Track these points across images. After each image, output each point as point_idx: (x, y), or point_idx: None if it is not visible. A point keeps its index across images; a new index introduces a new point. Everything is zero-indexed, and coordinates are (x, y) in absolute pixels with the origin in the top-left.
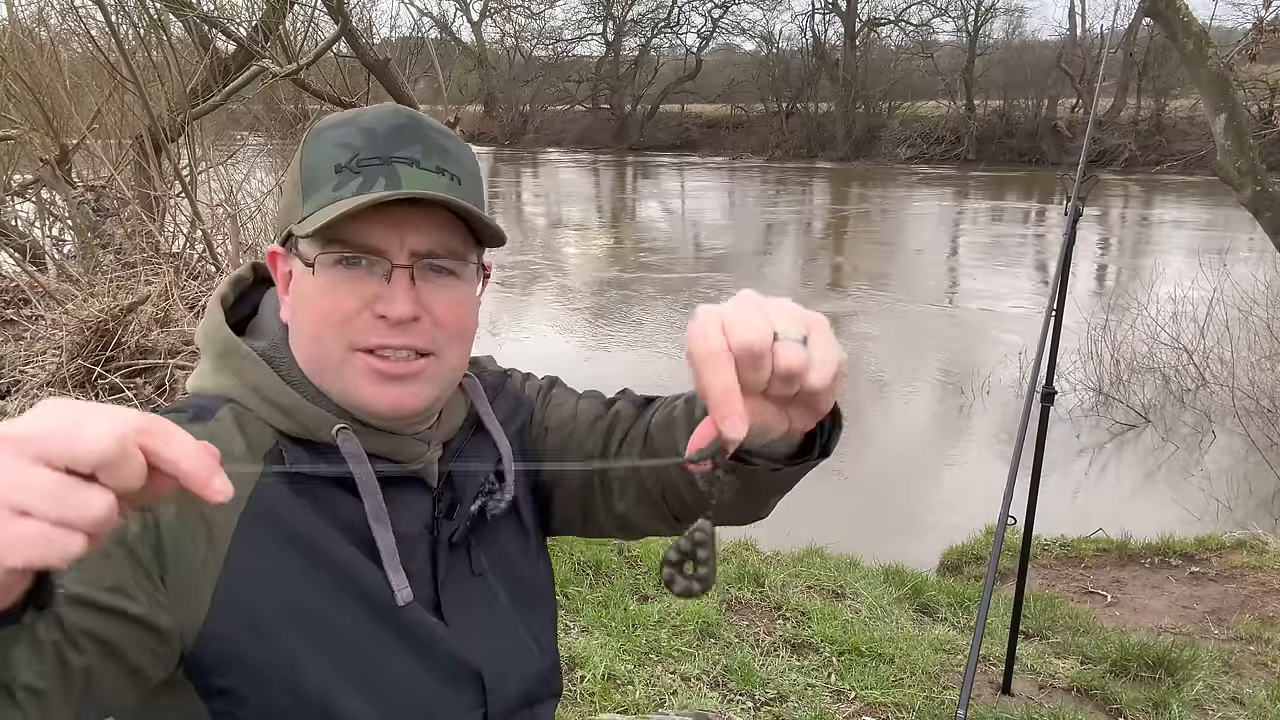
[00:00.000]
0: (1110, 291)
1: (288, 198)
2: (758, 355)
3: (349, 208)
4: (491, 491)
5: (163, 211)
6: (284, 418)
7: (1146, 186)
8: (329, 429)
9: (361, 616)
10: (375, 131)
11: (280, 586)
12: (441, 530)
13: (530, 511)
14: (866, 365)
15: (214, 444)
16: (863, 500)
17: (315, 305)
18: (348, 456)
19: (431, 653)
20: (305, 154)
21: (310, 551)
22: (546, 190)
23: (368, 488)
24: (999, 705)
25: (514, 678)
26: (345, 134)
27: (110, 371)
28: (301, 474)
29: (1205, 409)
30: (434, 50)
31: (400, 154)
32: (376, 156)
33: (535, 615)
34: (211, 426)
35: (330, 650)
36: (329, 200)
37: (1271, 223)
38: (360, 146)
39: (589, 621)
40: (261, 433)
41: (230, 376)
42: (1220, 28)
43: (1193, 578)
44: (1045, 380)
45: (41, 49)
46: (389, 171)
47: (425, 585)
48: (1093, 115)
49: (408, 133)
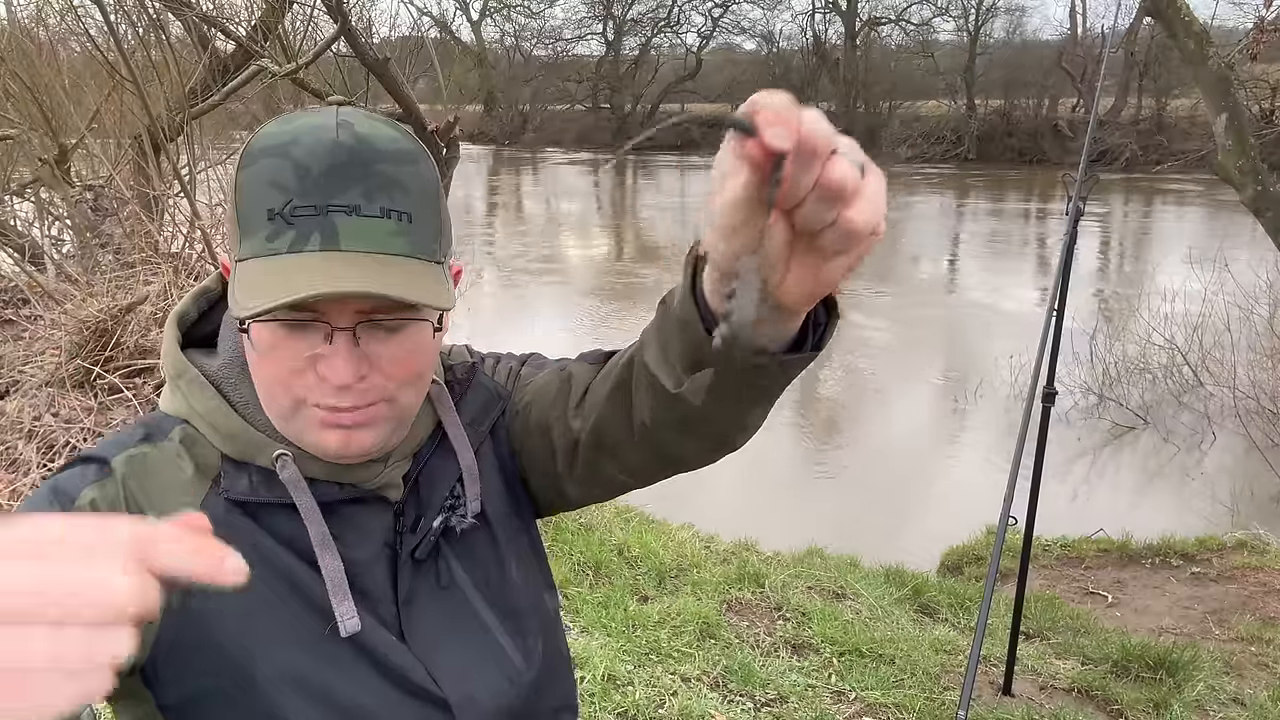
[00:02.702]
0: (1111, 292)
1: (230, 217)
2: (815, 150)
3: (274, 304)
4: (454, 507)
5: (162, 211)
6: (227, 442)
7: (1147, 186)
8: (269, 455)
9: (314, 638)
10: (310, 170)
11: (225, 604)
12: (404, 546)
13: (509, 513)
14: (867, 365)
15: (152, 467)
16: (863, 501)
17: (258, 362)
18: (287, 484)
19: (389, 679)
20: (240, 179)
21: (260, 561)
22: (546, 190)
23: (310, 515)
24: (1000, 706)
25: (487, 695)
26: (278, 168)
27: (109, 371)
28: (248, 499)
29: (1205, 410)
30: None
31: (338, 201)
32: (311, 205)
33: (522, 624)
34: (156, 446)
35: (283, 664)
36: (263, 251)
37: (1272, 222)
38: (294, 190)
39: (589, 622)
40: (211, 455)
41: (181, 400)
42: (1221, 27)
43: (1193, 578)
44: (1046, 380)
45: (40, 48)
46: (325, 225)
47: (386, 605)
48: (1094, 115)
49: (346, 172)
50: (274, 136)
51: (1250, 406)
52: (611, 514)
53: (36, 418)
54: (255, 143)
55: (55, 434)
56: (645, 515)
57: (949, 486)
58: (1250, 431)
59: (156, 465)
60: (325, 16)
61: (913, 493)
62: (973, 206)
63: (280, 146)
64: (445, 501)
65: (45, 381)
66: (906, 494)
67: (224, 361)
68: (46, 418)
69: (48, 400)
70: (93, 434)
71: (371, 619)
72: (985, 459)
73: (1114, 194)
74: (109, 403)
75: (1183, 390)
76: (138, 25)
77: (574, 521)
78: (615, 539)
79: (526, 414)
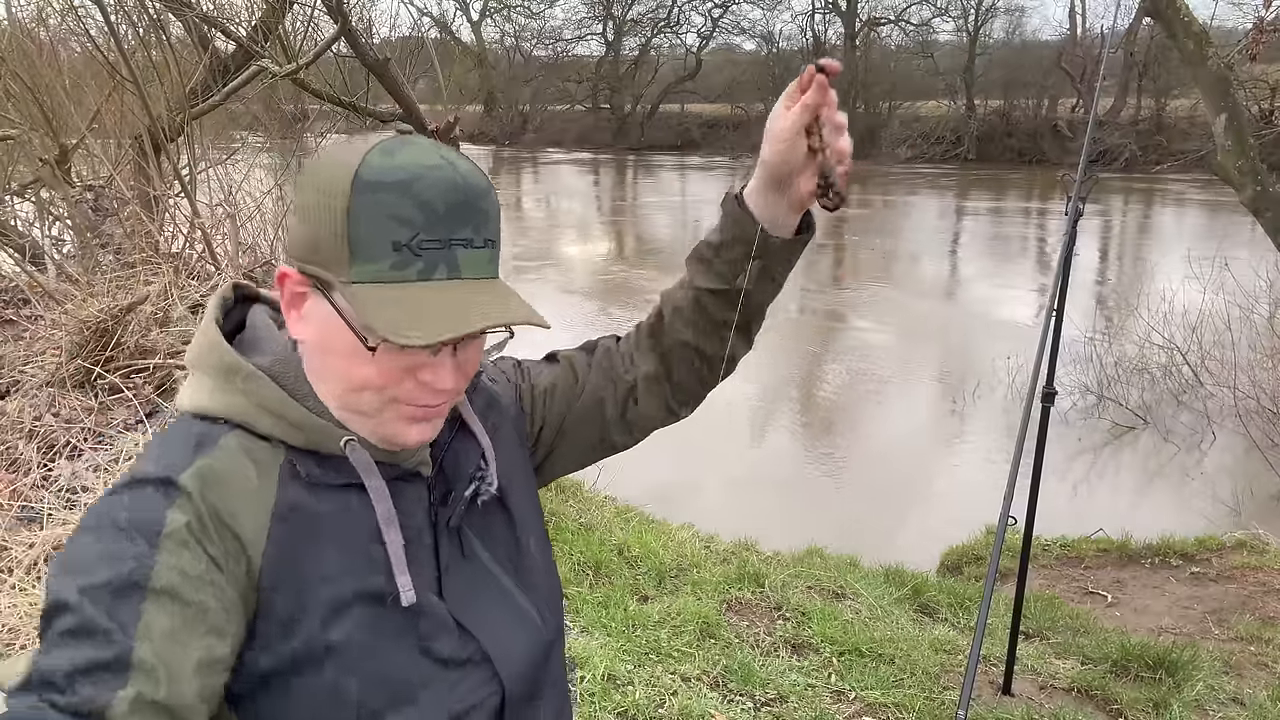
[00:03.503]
0: (1110, 292)
1: (318, 234)
2: (834, 100)
3: (433, 341)
4: (483, 477)
5: (162, 211)
6: (295, 431)
7: (1146, 186)
8: (337, 441)
9: (374, 609)
10: (435, 209)
11: (312, 574)
12: (439, 516)
13: (523, 502)
14: (867, 365)
15: (222, 476)
16: (863, 501)
17: (358, 369)
18: (358, 466)
19: (441, 640)
20: (352, 206)
21: (334, 540)
22: (546, 190)
23: (379, 494)
24: (999, 706)
25: (518, 650)
26: (401, 205)
27: (110, 371)
28: (316, 481)
29: (1205, 410)
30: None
31: (458, 236)
32: (436, 240)
33: (538, 595)
34: (215, 456)
35: (355, 639)
36: (389, 279)
37: (1272, 222)
38: (420, 225)
39: (589, 622)
40: (268, 452)
41: (235, 394)
42: (1220, 28)
43: (1193, 578)
44: (1046, 380)
45: (41, 49)
46: (449, 257)
47: (429, 571)
48: (1093, 115)
49: (465, 211)
50: (388, 172)
51: (1250, 406)
52: (612, 514)
53: (37, 418)
54: (365, 174)
55: (56, 434)
56: (645, 515)
57: (949, 486)
58: (1250, 431)
59: (224, 473)
60: (325, 17)
61: (912, 493)
62: (972, 207)
63: (400, 184)
64: (473, 472)
65: (46, 381)
66: (906, 494)
67: (274, 359)
68: (47, 418)
69: (48, 400)
70: (93, 434)
71: (419, 584)
72: (985, 459)
73: (1113, 194)
74: (109, 403)
75: (1182, 390)
76: (138, 25)
77: (574, 521)
78: (615, 539)
79: (552, 391)
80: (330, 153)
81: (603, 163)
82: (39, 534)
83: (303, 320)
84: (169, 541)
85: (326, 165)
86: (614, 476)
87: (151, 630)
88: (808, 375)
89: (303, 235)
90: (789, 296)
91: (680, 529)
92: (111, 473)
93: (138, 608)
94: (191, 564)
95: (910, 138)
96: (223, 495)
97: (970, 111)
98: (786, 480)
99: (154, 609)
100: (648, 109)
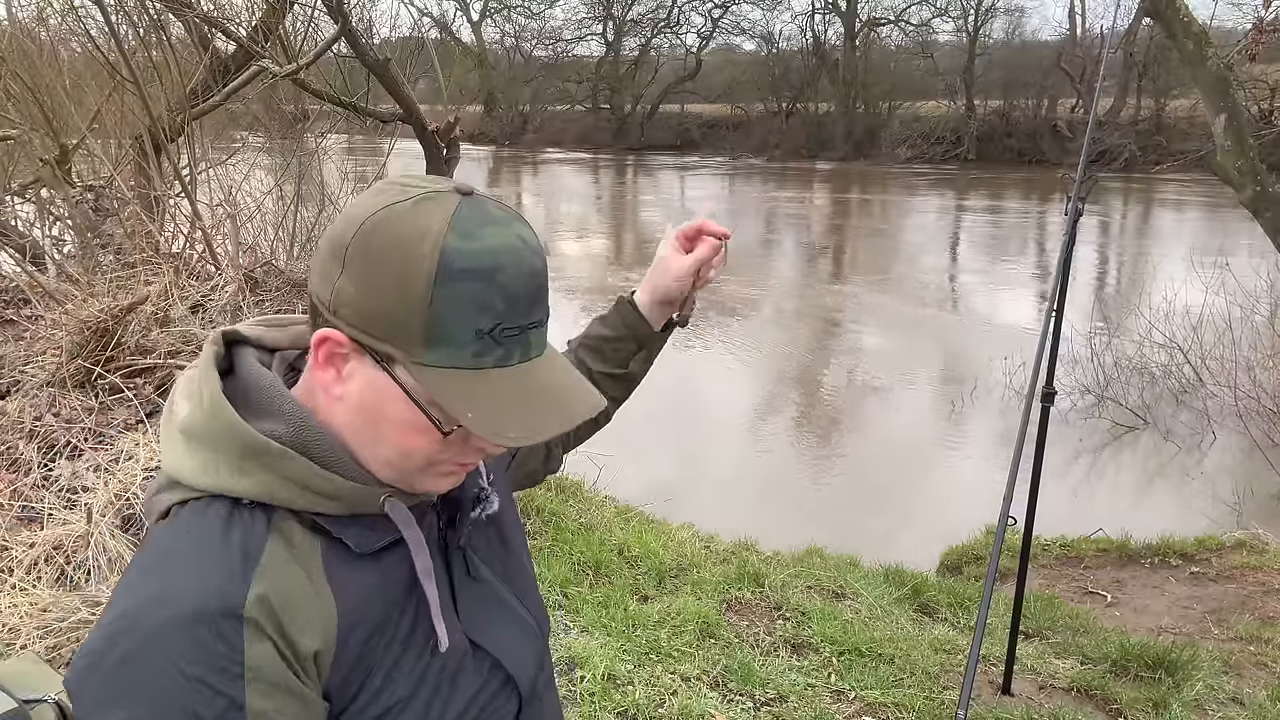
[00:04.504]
0: (1110, 292)
1: (388, 308)
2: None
3: (540, 440)
4: (486, 496)
5: (162, 211)
6: (332, 503)
7: (1146, 186)
8: (376, 502)
9: (414, 653)
10: (518, 299)
11: (362, 637)
12: (450, 540)
13: (513, 520)
14: (866, 365)
15: (277, 586)
16: (863, 501)
17: (417, 442)
18: (399, 523)
19: (461, 658)
20: (436, 293)
21: (383, 607)
22: (546, 190)
23: (418, 547)
24: (999, 705)
25: (529, 660)
26: (487, 294)
27: (110, 371)
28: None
29: (1205, 409)
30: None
31: (534, 320)
32: (516, 327)
33: (529, 596)
34: (269, 571)
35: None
36: (467, 364)
37: (1271, 223)
38: (502, 314)
39: (589, 622)
40: (303, 536)
41: (263, 473)
42: (1220, 28)
43: (1193, 578)
44: (1045, 380)
45: (41, 49)
46: (524, 341)
47: (445, 596)
48: (1093, 115)
49: (540, 296)
50: (474, 258)
51: (1251, 406)
52: (612, 514)
53: (37, 418)
54: (450, 259)
55: (56, 434)
56: (645, 515)
57: (948, 486)
58: (1251, 430)
59: (285, 592)
60: (326, 17)
61: (912, 493)
62: (972, 207)
63: (486, 272)
64: (477, 493)
65: (46, 381)
66: (906, 494)
67: (295, 428)
68: (47, 418)
69: (49, 400)
70: (93, 434)
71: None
72: (985, 459)
73: (1113, 194)
74: (110, 403)
75: (1183, 390)
76: (138, 26)
77: (574, 521)
78: (615, 539)
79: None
80: (397, 216)
81: (603, 163)
82: (39, 534)
83: (344, 381)
84: (257, 684)
85: (400, 234)
86: (614, 476)
87: None
88: (807, 375)
89: (366, 305)
90: (789, 296)
91: (680, 529)
92: (112, 472)
93: None
94: (279, 699)
95: (910, 138)
96: (291, 618)
97: (970, 112)
98: (786, 480)
99: None
100: (647, 109)
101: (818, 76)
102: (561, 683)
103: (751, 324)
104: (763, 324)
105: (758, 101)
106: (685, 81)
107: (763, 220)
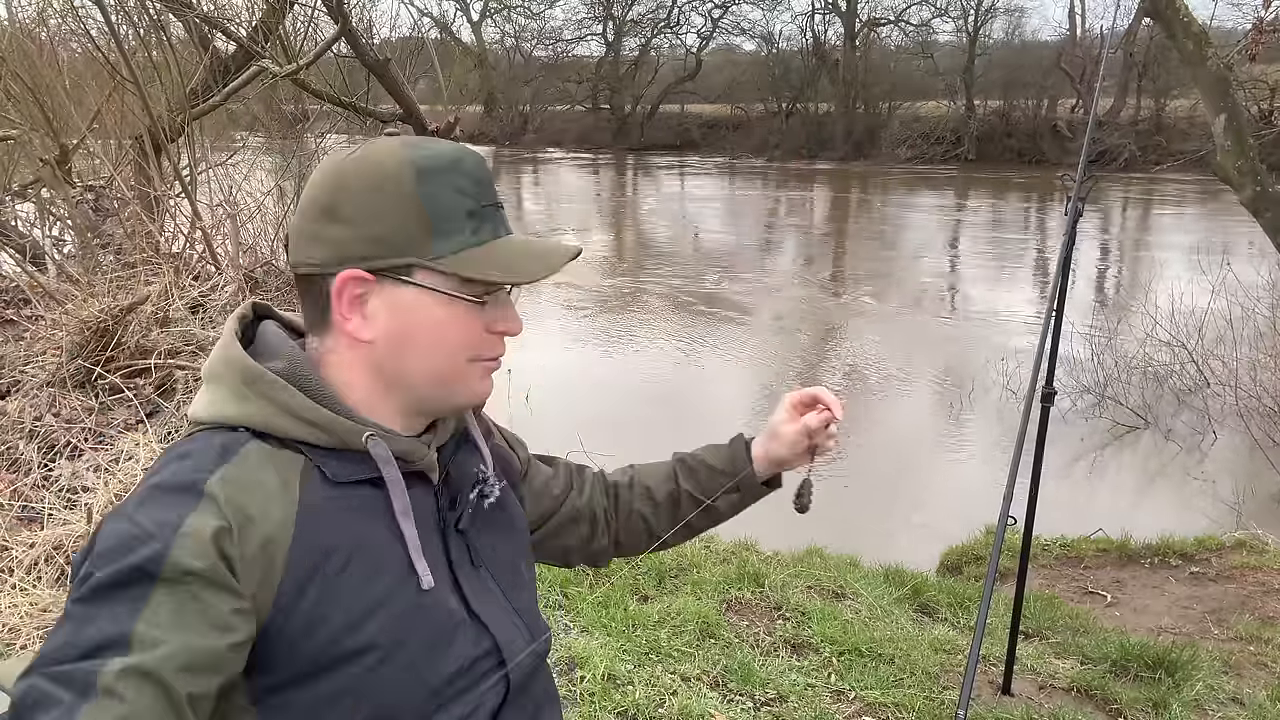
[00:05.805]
0: (1110, 292)
1: (384, 226)
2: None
3: (550, 273)
4: (485, 479)
5: (163, 212)
6: (317, 432)
7: (1146, 186)
8: (359, 437)
9: (397, 594)
10: (483, 181)
11: (336, 569)
12: (447, 520)
13: (520, 529)
14: (866, 365)
15: (245, 483)
16: (863, 501)
17: (453, 334)
18: (379, 460)
19: (456, 623)
20: (425, 195)
21: (355, 537)
22: (547, 191)
23: (396, 487)
24: (999, 705)
25: (520, 641)
26: (459, 181)
27: (110, 371)
28: (341, 479)
29: (1205, 409)
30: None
31: (496, 201)
32: (492, 204)
33: (529, 613)
34: (239, 465)
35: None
36: (473, 243)
37: (1271, 223)
38: (476, 194)
39: (589, 621)
40: (288, 459)
41: (257, 400)
42: (1220, 28)
43: (1193, 578)
44: (1045, 380)
45: (41, 49)
46: (497, 216)
47: (442, 569)
48: (1093, 115)
49: (490, 179)
50: (435, 157)
51: (1252, 405)
52: None
53: (37, 418)
54: (419, 163)
55: (56, 434)
56: None
57: (948, 486)
58: (1251, 430)
59: (249, 480)
60: (326, 17)
61: (912, 493)
62: (972, 207)
63: (450, 164)
64: (476, 478)
65: (46, 381)
66: (906, 494)
67: (288, 365)
68: (48, 418)
69: (49, 400)
70: (93, 434)
71: (436, 580)
72: (985, 459)
73: (1113, 194)
74: (110, 403)
75: (1183, 390)
76: (138, 26)
77: None
78: None
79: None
80: (357, 159)
81: (603, 163)
82: (39, 534)
83: (369, 320)
84: (186, 540)
85: (368, 167)
86: None
87: (156, 615)
88: (807, 375)
89: (367, 232)
90: (788, 297)
91: None
92: (112, 472)
93: (146, 594)
94: (204, 564)
95: (910, 138)
96: (250, 499)
97: (970, 112)
98: (786, 480)
99: (162, 595)
100: (648, 109)
101: (818, 77)
102: (561, 683)
103: (751, 324)
104: (762, 325)
105: (758, 102)
106: (685, 82)
107: (762, 220)
